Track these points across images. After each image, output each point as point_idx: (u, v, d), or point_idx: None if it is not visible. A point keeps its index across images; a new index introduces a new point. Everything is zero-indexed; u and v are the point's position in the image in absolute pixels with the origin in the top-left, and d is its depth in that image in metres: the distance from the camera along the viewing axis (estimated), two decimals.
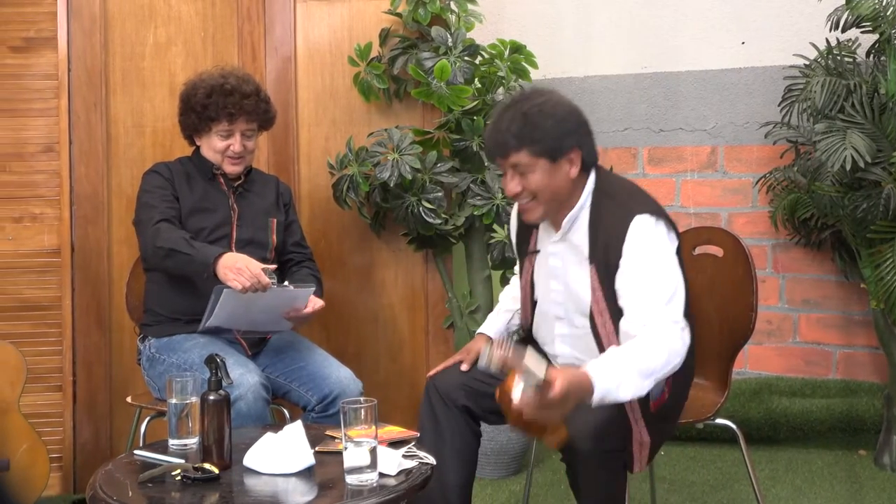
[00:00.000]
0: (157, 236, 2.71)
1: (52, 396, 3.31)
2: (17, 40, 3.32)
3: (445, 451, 2.39)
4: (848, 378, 3.70)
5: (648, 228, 2.23)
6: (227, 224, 2.89)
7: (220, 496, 1.97)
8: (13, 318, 3.29)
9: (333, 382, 2.74)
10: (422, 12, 3.34)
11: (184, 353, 2.71)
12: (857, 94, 3.30)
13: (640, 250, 2.22)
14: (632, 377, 2.08)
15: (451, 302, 3.51)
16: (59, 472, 3.29)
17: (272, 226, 2.96)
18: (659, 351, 2.13)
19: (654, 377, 2.12)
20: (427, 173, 3.34)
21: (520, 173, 2.29)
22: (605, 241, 2.27)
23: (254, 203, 2.97)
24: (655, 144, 3.93)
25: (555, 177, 2.28)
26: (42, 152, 3.34)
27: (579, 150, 2.28)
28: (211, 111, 2.84)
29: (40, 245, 3.33)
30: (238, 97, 2.84)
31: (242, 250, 2.81)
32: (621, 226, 2.23)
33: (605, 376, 2.05)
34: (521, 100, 2.31)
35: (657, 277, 2.21)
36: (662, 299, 2.18)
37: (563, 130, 2.26)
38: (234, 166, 2.91)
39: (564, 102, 2.32)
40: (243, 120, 2.87)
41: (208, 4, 3.46)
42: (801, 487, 3.28)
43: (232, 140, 2.88)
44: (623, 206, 2.28)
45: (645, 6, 3.94)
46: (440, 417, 2.45)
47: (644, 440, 2.27)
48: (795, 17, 3.70)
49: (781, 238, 3.76)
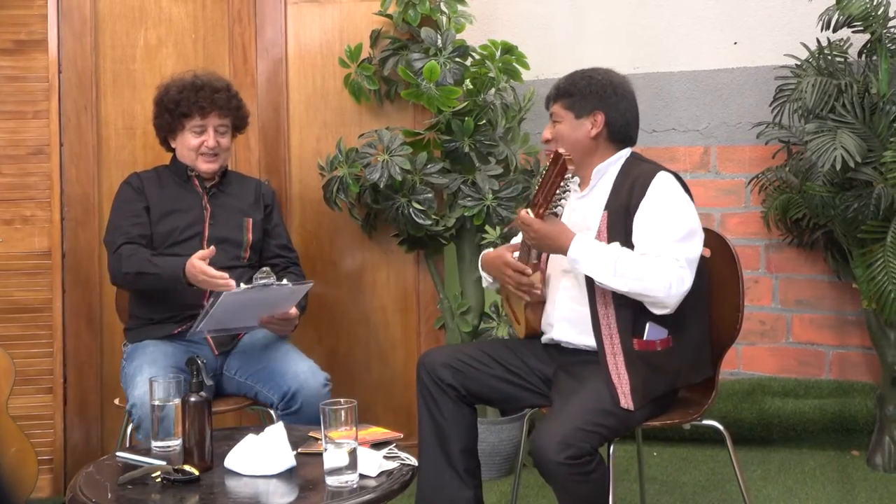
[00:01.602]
0: (121, 262, 2.78)
1: (42, 398, 3.32)
2: (8, 43, 3.32)
3: (444, 423, 2.55)
4: (841, 378, 3.68)
5: (671, 182, 2.46)
6: (199, 223, 2.91)
7: (200, 498, 1.98)
8: (4, 321, 3.29)
9: (291, 378, 2.71)
10: (411, 13, 3.34)
11: (138, 359, 2.71)
12: (849, 94, 3.29)
13: (662, 194, 2.43)
14: (606, 264, 2.33)
15: (443, 303, 3.51)
16: (50, 473, 3.29)
17: (247, 224, 2.97)
18: (644, 266, 2.33)
19: (624, 280, 2.33)
20: (417, 174, 3.33)
21: (553, 122, 2.58)
22: (629, 189, 2.45)
23: (228, 203, 2.98)
24: (648, 145, 3.90)
25: (575, 131, 2.53)
26: (33, 154, 3.34)
27: (604, 114, 2.51)
28: (183, 107, 2.89)
29: (31, 247, 3.33)
30: (209, 91, 2.90)
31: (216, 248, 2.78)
32: (647, 176, 2.46)
33: (585, 246, 2.36)
34: (587, 69, 2.61)
35: (673, 217, 2.41)
36: (674, 236, 2.38)
37: (592, 93, 2.53)
38: (208, 164, 2.93)
39: (615, 78, 2.58)
40: (216, 115, 2.91)
41: (199, 6, 3.47)
42: (792, 488, 3.27)
43: (205, 136, 2.91)
44: (652, 165, 2.54)
45: (637, 7, 3.94)
46: (435, 394, 2.57)
47: (622, 376, 2.37)
48: (788, 17, 3.69)
49: (774, 238, 3.75)
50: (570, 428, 2.24)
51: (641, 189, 2.44)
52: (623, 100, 2.56)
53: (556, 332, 2.59)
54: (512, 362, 2.62)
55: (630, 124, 2.58)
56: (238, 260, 2.92)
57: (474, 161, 3.38)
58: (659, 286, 2.32)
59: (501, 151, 3.45)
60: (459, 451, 2.57)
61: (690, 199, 2.49)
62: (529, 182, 3.42)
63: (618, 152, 2.56)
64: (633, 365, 2.39)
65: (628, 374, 2.37)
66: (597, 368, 2.42)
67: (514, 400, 2.67)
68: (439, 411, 2.56)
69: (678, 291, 2.34)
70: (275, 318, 2.78)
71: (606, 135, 2.54)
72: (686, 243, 2.39)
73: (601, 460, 2.29)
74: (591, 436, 2.27)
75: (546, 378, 2.59)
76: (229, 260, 2.88)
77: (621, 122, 2.55)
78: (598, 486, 2.28)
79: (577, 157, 2.49)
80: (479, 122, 3.36)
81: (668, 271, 2.33)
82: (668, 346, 2.44)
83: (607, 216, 2.46)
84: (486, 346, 2.76)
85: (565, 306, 2.57)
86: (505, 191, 3.37)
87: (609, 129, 2.54)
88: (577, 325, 2.53)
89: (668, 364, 2.45)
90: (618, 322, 2.42)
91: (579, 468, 2.22)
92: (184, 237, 2.87)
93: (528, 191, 3.40)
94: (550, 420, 2.31)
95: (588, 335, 2.49)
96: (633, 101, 2.59)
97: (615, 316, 2.42)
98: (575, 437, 2.23)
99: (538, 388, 2.61)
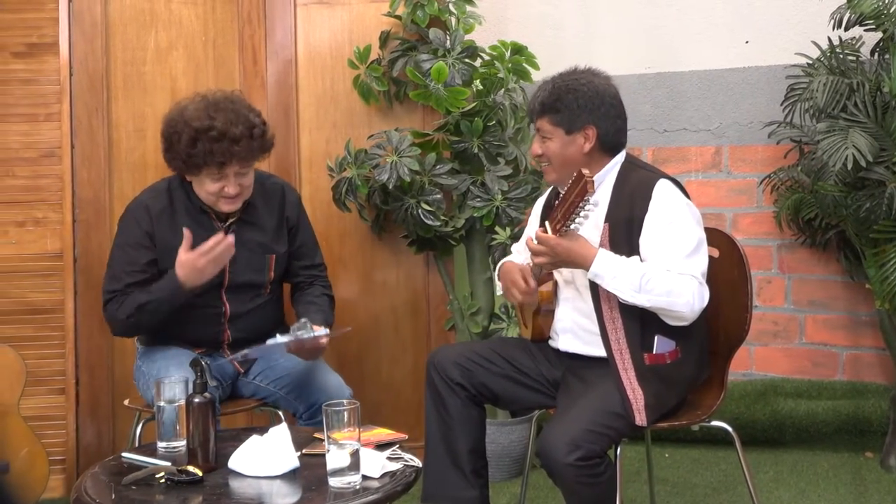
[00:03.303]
0: (115, 312, 2.65)
1: (55, 399, 3.34)
2: (20, 46, 3.34)
3: (451, 422, 2.54)
4: (854, 379, 3.66)
5: (673, 190, 2.43)
6: (219, 272, 2.66)
7: (203, 499, 1.98)
8: (17, 322, 3.32)
9: (319, 390, 2.68)
10: (420, 14, 3.34)
11: (154, 363, 2.70)
12: (860, 93, 3.27)
13: (666, 207, 2.40)
14: (630, 280, 2.30)
15: (453, 304, 3.51)
16: (63, 474, 3.31)
17: (270, 263, 2.79)
18: (668, 281, 2.30)
19: (648, 297, 2.30)
20: (426, 175, 3.33)
21: (542, 137, 2.52)
22: (630, 198, 2.42)
23: (249, 238, 2.75)
24: (659, 145, 3.91)
25: (568, 147, 2.48)
26: (45, 157, 3.36)
27: (595, 128, 2.46)
28: (197, 159, 2.58)
29: (43, 249, 3.35)
30: (227, 143, 2.56)
31: (235, 296, 2.73)
32: (646, 186, 2.42)
33: (608, 261, 2.32)
34: (565, 74, 2.55)
35: (680, 232, 2.38)
36: (684, 252, 2.35)
37: (581, 107, 2.46)
38: (229, 205, 2.68)
39: (599, 85, 2.50)
40: (237, 163, 2.61)
41: (209, 9, 3.48)
42: (805, 490, 3.25)
43: (225, 182, 2.63)
44: (650, 171, 2.51)
45: (648, 6, 3.92)
46: (443, 393, 2.56)
47: (637, 391, 2.35)
48: (799, 16, 3.67)
49: (787, 238, 3.73)
50: (578, 429, 2.23)
51: (643, 200, 2.41)
52: (612, 108, 2.50)
53: (561, 343, 2.58)
54: (522, 362, 2.62)
55: (621, 130, 2.53)
56: (258, 299, 2.79)
57: (483, 162, 3.38)
58: (683, 302, 2.32)
59: (511, 152, 3.44)
60: (467, 451, 2.55)
61: (691, 204, 2.47)
62: (539, 182, 3.42)
63: (612, 160, 2.52)
64: (646, 379, 2.37)
65: (642, 390, 2.36)
66: (605, 372, 2.41)
67: (522, 400, 2.66)
68: (447, 410, 2.55)
69: (700, 307, 2.35)
70: (305, 346, 2.60)
71: (599, 146, 2.49)
72: (696, 257, 2.38)
73: (610, 462, 2.28)
74: (600, 437, 2.26)
75: (554, 381, 2.59)
76: (248, 303, 2.77)
77: (613, 130, 2.50)
78: (607, 489, 2.27)
79: (567, 173, 2.39)
80: (488, 122, 3.36)
81: (691, 288, 2.32)
82: (677, 357, 2.43)
83: (608, 228, 2.43)
84: (497, 344, 2.74)
85: (568, 317, 2.56)
86: (514, 191, 3.36)
87: (601, 140, 2.49)
88: (580, 337, 2.53)
89: (678, 375, 2.45)
90: (627, 336, 2.40)
91: (588, 470, 2.21)
92: (202, 289, 2.63)
93: (538, 192, 3.39)
94: (557, 421, 2.30)
95: (593, 346, 2.49)
96: (621, 104, 2.54)
97: (624, 330, 2.41)
98: (584, 438, 2.22)
99: (546, 389, 2.60)
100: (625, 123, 2.55)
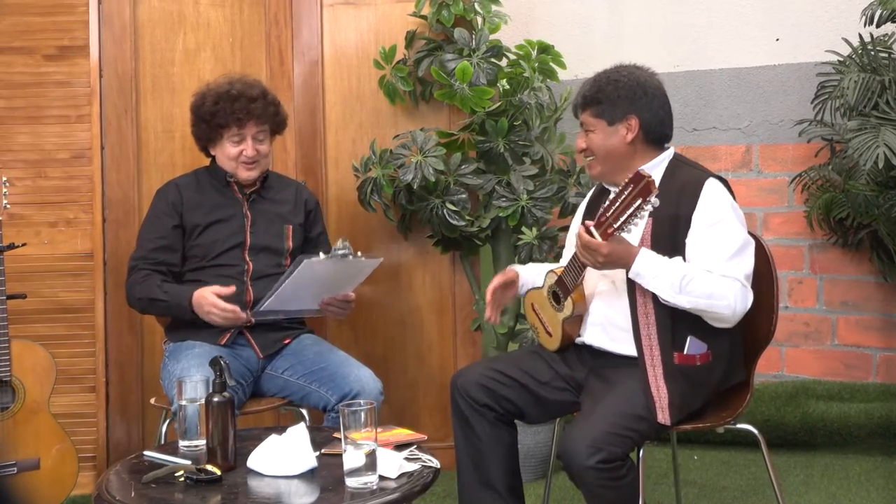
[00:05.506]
0: (133, 287, 2.88)
1: (86, 397, 3.38)
2: (52, 49, 3.39)
3: (480, 445, 2.50)
4: (888, 382, 3.60)
5: (721, 190, 2.40)
6: (241, 232, 2.95)
7: (222, 497, 2.00)
8: (49, 321, 3.36)
9: (353, 381, 2.75)
10: (445, 14, 3.34)
11: (178, 362, 2.74)
12: (892, 91, 3.22)
13: (715, 206, 2.36)
14: (671, 280, 2.27)
15: (479, 304, 3.50)
16: (93, 471, 3.36)
17: (288, 232, 3.00)
18: (709, 283, 2.27)
19: (688, 298, 2.27)
20: (451, 175, 3.33)
21: (585, 131, 2.52)
22: (678, 195, 2.39)
23: (268, 209, 3.01)
24: (689, 144, 3.87)
25: (611, 138, 2.47)
26: (76, 158, 3.41)
27: (637, 118, 2.45)
28: (220, 118, 2.90)
29: (74, 249, 3.40)
30: (245, 101, 2.89)
31: (256, 257, 2.91)
32: (696, 184, 2.39)
33: (650, 261, 2.29)
34: (609, 69, 2.54)
35: (728, 233, 2.35)
36: (730, 252, 2.32)
37: (622, 97, 2.45)
38: (248, 171, 2.96)
39: (640, 76, 2.50)
40: (253, 123, 2.92)
41: (236, 10, 3.51)
42: (836, 494, 3.20)
43: (244, 145, 2.93)
44: (700, 170, 2.48)
45: (677, 4, 3.89)
46: (469, 416, 2.52)
47: (661, 389, 2.32)
48: (830, 13, 3.62)
49: (818, 238, 3.68)
50: (599, 431, 2.21)
51: (692, 198, 2.37)
52: (654, 98, 2.48)
53: (587, 336, 2.55)
54: (542, 370, 2.58)
55: (664, 122, 2.51)
56: (278, 268, 2.93)
57: (509, 161, 3.37)
58: (724, 304, 2.29)
59: (537, 151, 3.43)
60: (501, 471, 2.52)
61: (736, 205, 2.43)
62: (565, 182, 3.40)
63: (660, 154, 2.50)
64: (673, 378, 2.34)
65: (667, 389, 2.33)
66: (629, 373, 2.39)
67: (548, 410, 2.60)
68: (475, 433, 2.51)
69: (743, 309, 2.32)
70: (336, 299, 2.82)
71: (643, 137, 2.47)
72: (740, 259, 2.34)
73: (633, 465, 2.26)
74: (622, 440, 2.24)
75: (577, 383, 2.56)
76: (270, 268, 2.93)
77: (656, 121, 2.48)
78: (629, 491, 2.25)
79: (617, 165, 2.46)
80: (513, 122, 3.35)
81: (734, 290, 2.29)
82: (707, 360, 2.39)
83: (652, 223, 2.39)
84: (516, 357, 2.71)
85: (599, 312, 2.52)
86: (540, 191, 3.35)
87: (644, 130, 2.47)
88: (608, 332, 2.50)
89: (707, 379, 2.41)
90: (659, 333, 2.36)
91: (610, 473, 2.19)
92: (226, 247, 2.91)
93: (564, 191, 3.37)
94: (579, 423, 2.28)
95: (619, 342, 2.46)
96: (664, 96, 2.52)
97: (656, 326, 2.37)
98: (605, 440, 2.19)
99: (570, 388, 2.56)
100: (669, 115, 2.51)
